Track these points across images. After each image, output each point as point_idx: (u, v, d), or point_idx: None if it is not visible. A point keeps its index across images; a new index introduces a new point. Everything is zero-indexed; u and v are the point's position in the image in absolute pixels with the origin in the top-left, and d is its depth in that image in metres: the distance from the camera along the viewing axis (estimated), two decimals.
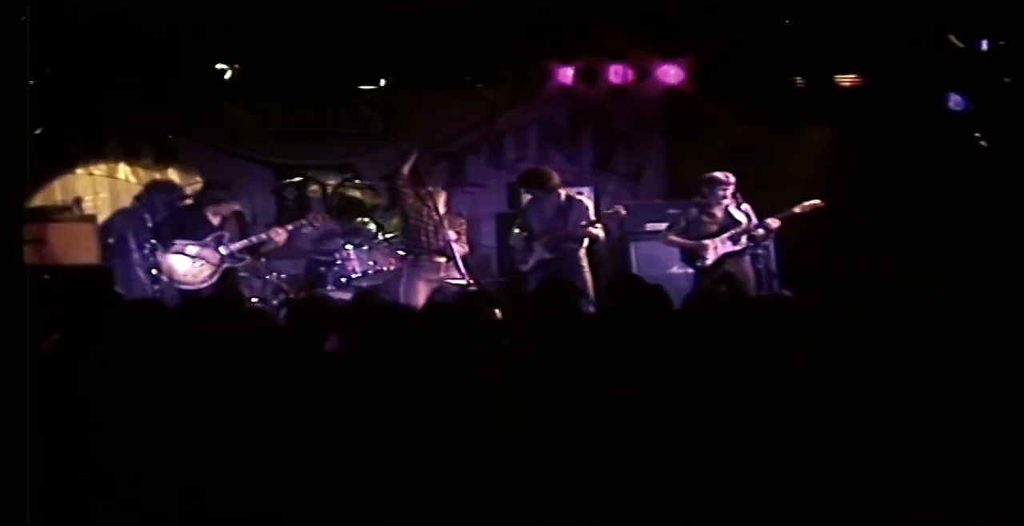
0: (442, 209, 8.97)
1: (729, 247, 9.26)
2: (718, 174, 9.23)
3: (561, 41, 10.41)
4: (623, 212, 9.12)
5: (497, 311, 5.39)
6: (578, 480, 3.83)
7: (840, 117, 10.53)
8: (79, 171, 10.48)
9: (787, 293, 7.57)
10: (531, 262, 9.14)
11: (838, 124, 10.62)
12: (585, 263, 9.05)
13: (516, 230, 9.25)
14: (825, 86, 10.61)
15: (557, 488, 3.79)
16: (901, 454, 3.92)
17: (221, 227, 9.34)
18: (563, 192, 9.15)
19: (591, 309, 7.60)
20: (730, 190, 9.18)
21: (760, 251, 9.62)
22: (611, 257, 10.37)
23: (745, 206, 9.24)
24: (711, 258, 9.23)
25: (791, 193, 9.52)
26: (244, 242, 9.30)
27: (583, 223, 8.92)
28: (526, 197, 9.54)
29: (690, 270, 9.46)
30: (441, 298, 8.51)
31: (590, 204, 9.28)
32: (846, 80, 10.57)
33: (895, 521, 3.76)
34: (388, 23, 9.52)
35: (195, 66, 10.10)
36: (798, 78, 10.61)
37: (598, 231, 8.98)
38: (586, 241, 9.07)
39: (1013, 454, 3.86)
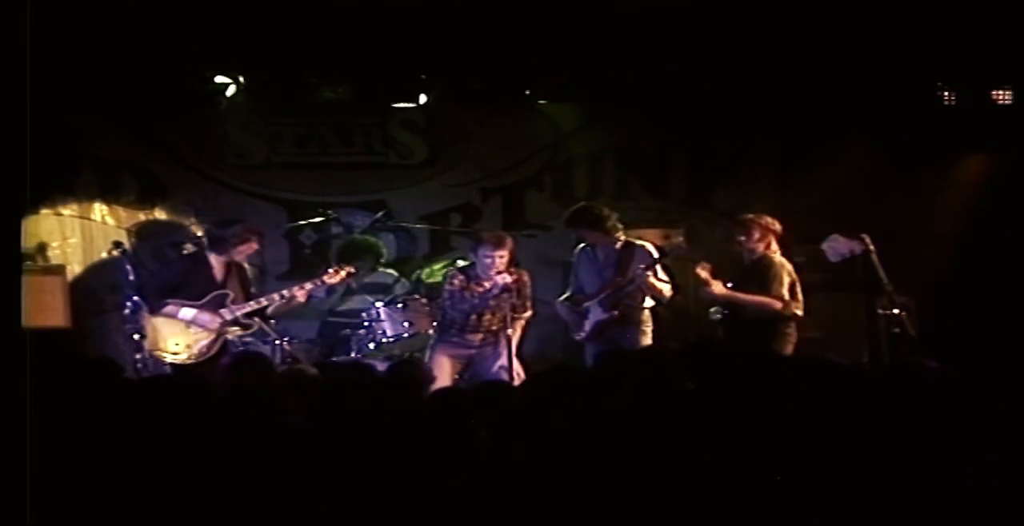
0: (491, 260, 8.16)
1: None
2: None
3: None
4: (684, 247, 8.60)
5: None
6: None
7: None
8: (43, 211, 9.91)
9: (930, 363, 6.94)
10: (587, 327, 8.44)
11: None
12: (649, 328, 8.38)
13: (562, 297, 8.66)
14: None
15: None
16: None
17: (224, 283, 8.38)
18: (622, 237, 8.47)
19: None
20: None
21: (896, 311, 8.63)
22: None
23: None
24: None
25: (926, 247, 9.47)
26: (253, 304, 8.34)
27: (640, 267, 8.20)
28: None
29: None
30: (467, 382, 8.04)
31: (654, 250, 8.49)
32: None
33: None
34: (429, 26, 9.02)
35: (189, 78, 9.69)
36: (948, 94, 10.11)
37: (660, 283, 8.22)
38: (647, 300, 8.36)
39: None
